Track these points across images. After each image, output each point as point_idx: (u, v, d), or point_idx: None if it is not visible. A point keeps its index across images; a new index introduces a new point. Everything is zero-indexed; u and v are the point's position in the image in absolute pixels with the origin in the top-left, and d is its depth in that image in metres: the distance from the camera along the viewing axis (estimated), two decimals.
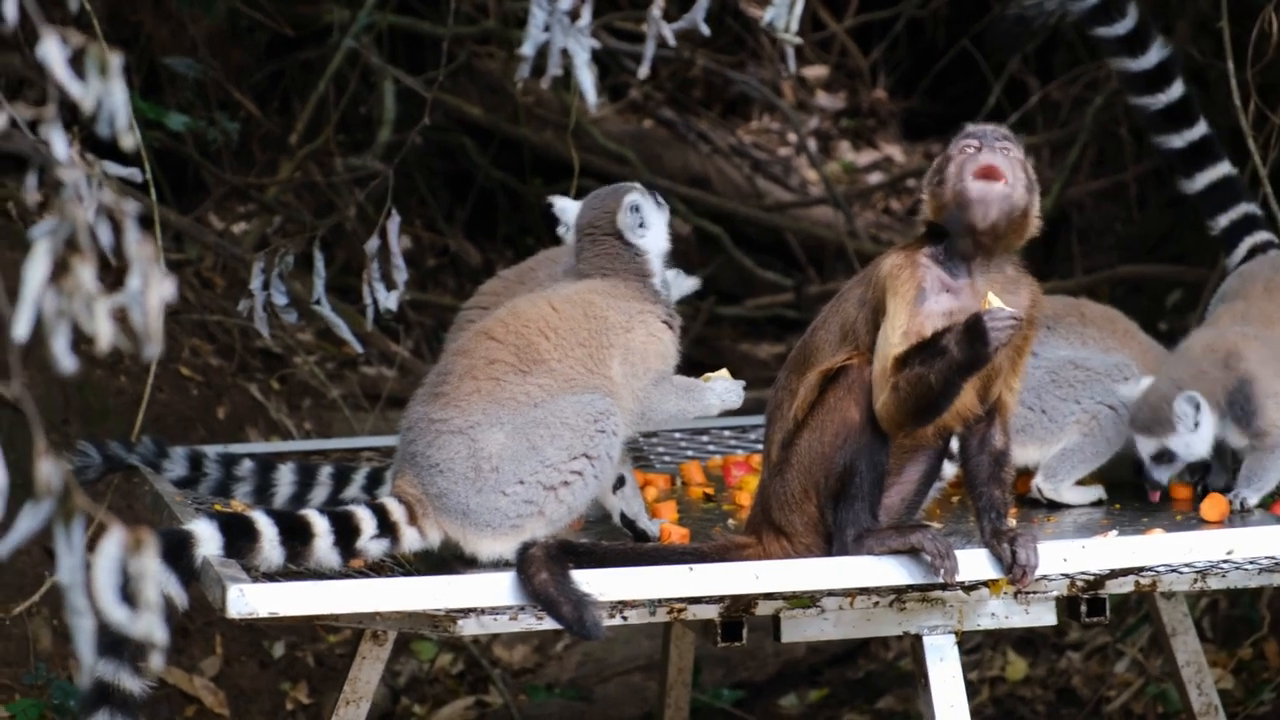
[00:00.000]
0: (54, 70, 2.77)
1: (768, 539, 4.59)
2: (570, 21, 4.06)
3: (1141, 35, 5.56)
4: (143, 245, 2.77)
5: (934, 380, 4.33)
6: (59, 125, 2.85)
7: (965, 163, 4.45)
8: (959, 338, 4.30)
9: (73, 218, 2.74)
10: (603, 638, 4.33)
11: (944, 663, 4.60)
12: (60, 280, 2.74)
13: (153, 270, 2.76)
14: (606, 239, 5.01)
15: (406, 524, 4.64)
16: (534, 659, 8.26)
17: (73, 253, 2.75)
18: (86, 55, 2.79)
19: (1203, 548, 4.55)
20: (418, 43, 10.45)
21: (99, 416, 7.45)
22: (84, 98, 2.82)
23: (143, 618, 2.75)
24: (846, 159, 12.96)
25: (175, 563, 4.33)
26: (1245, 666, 7.33)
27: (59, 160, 2.83)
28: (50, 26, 2.75)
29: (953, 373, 4.33)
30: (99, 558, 2.73)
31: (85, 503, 2.73)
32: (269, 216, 9.35)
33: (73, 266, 2.73)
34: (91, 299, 2.74)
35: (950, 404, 4.42)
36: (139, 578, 2.73)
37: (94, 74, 2.82)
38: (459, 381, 4.73)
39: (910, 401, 4.38)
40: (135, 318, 2.78)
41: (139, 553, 2.74)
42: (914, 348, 4.36)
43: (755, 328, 11.40)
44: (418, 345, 9.71)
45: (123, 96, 2.84)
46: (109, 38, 6.65)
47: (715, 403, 4.91)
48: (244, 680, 7.48)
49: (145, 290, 2.78)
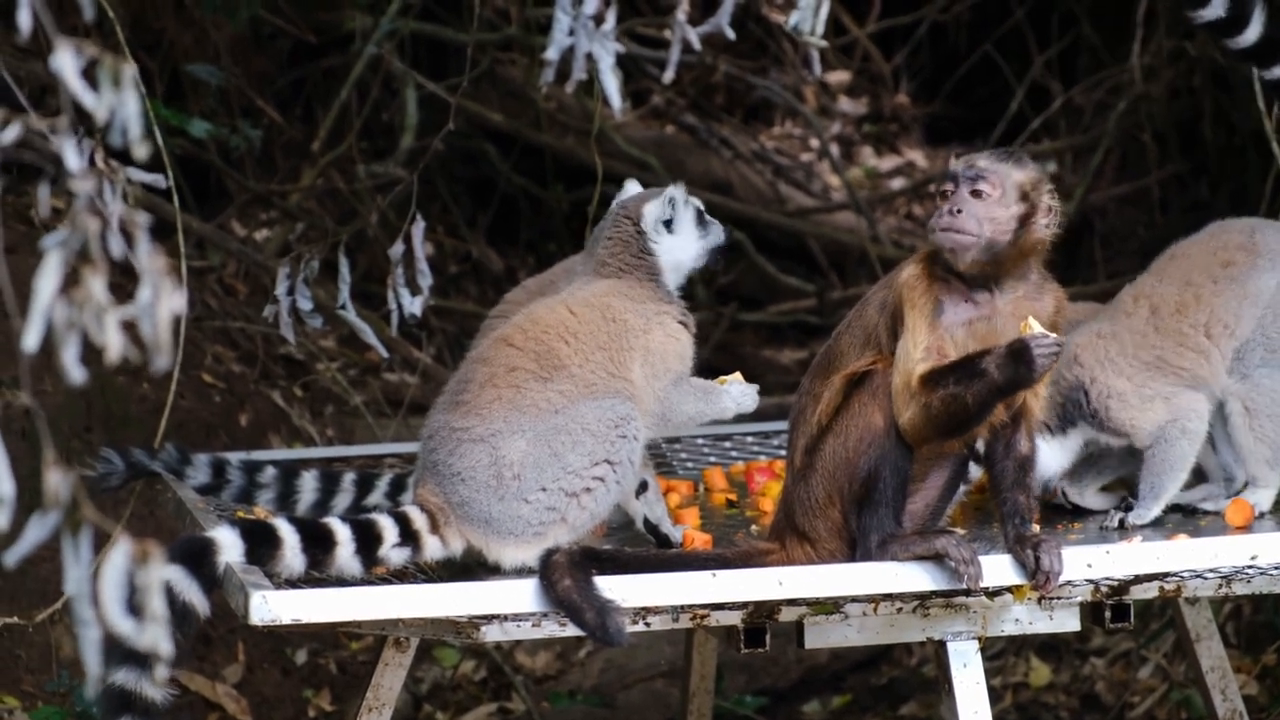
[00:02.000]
0: (67, 81, 2.77)
1: (791, 545, 4.58)
2: (595, 26, 4.05)
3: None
4: (154, 257, 2.77)
5: (970, 401, 4.34)
6: (72, 136, 2.85)
7: (939, 209, 4.46)
8: (1001, 361, 4.31)
9: (84, 228, 2.74)
10: (626, 644, 4.32)
11: (967, 668, 4.59)
12: (71, 291, 2.74)
13: (164, 282, 2.76)
14: (625, 223, 5.01)
15: (429, 532, 4.64)
16: (556, 665, 8.25)
17: (84, 263, 2.75)
18: (100, 66, 2.79)
19: (1227, 553, 4.53)
20: (440, 49, 10.46)
21: (121, 424, 7.45)
22: (97, 108, 2.82)
23: (149, 629, 2.75)
24: (869, 164, 12.95)
25: (197, 570, 4.33)
26: (1270, 672, 7.31)
27: (71, 171, 2.83)
28: (64, 37, 2.75)
29: (991, 395, 4.34)
30: (106, 569, 2.73)
31: (93, 513, 2.73)
32: (291, 223, 9.36)
33: (84, 277, 2.73)
34: (102, 310, 2.73)
35: (983, 423, 4.43)
36: (145, 589, 2.73)
37: (107, 84, 2.81)
38: (480, 390, 4.73)
39: (942, 420, 4.38)
40: (145, 329, 2.77)
41: (145, 564, 2.74)
42: (947, 367, 4.36)
43: (778, 333, 11.39)
44: (440, 351, 9.71)
45: (136, 107, 2.84)
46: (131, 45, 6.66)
47: (731, 406, 4.90)
48: (266, 687, 7.48)
49: (156, 302, 2.77)
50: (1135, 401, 5.13)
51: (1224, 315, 5.16)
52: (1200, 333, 5.16)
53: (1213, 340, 5.16)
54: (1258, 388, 5.15)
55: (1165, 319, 5.18)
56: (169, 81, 9.08)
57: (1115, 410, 5.13)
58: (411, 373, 9.17)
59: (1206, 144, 9.52)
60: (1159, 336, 5.17)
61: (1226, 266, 5.21)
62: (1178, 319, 5.17)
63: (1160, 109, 9.80)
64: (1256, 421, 5.15)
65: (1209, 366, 5.15)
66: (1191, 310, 5.17)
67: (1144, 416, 5.10)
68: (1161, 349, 5.16)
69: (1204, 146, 9.57)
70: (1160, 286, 5.25)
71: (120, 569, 2.72)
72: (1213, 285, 5.20)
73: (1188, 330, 5.16)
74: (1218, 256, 5.23)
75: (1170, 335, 5.17)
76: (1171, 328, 5.17)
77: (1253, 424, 5.15)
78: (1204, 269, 5.22)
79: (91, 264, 2.74)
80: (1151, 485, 5.10)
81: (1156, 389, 5.12)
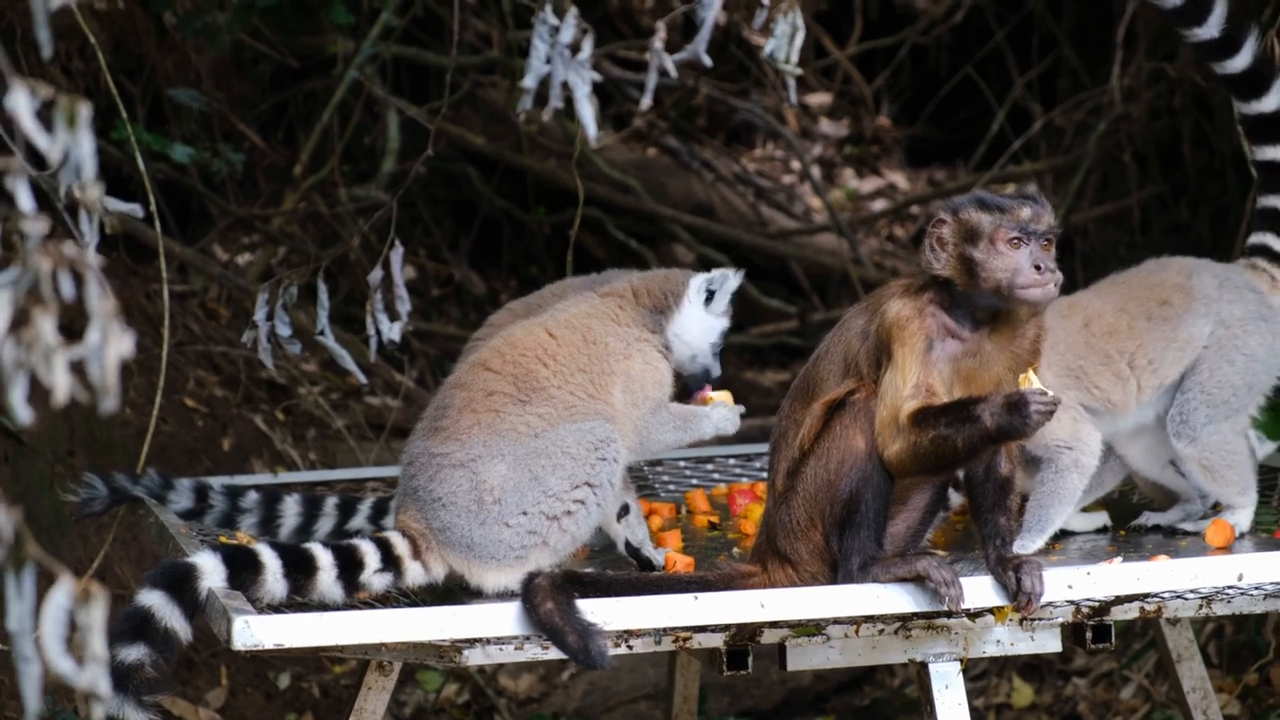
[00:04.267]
0: (21, 121, 2.77)
1: (773, 567, 4.58)
2: (571, 54, 4.07)
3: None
4: (103, 300, 2.77)
5: (960, 444, 4.32)
6: (24, 177, 2.84)
7: (1016, 261, 4.40)
8: (996, 411, 4.29)
9: (35, 268, 2.74)
10: (608, 667, 4.31)
11: (949, 690, 4.60)
12: (20, 330, 2.73)
13: (112, 325, 2.75)
14: (673, 277, 5.08)
15: (410, 558, 4.65)
16: (540, 688, 8.25)
17: (35, 303, 2.74)
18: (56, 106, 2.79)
19: (1208, 573, 4.54)
20: (422, 73, 10.48)
21: (104, 448, 7.45)
22: (50, 149, 2.83)
23: (88, 670, 2.75)
24: (850, 186, 12.98)
25: (179, 595, 4.33)
26: (1251, 692, 7.32)
27: (23, 211, 2.82)
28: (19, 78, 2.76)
29: (982, 441, 4.32)
30: (47, 607, 2.73)
31: (37, 552, 2.73)
32: (273, 247, 9.37)
33: (34, 317, 2.73)
34: (51, 351, 2.73)
35: (969, 465, 4.44)
36: (86, 630, 2.73)
37: (62, 125, 2.82)
38: (458, 415, 4.74)
39: (930, 459, 4.37)
40: (93, 372, 2.77)
41: (87, 605, 2.73)
42: (939, 409, 4.34)
43: (760, 355, 11.41)
44: (422, 375, 9.72)
45: (90, 147, 2.83)
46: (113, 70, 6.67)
47: (709, 430, 4.93)
48: (249, 711, 7.47)
49: (104, 345, 2.77)
50: None
51: (1150, 351, 5.18)
52: (1124, 360, 5.18)
53: (1134, 371, 5.18)
54: (1208, 446, 5.17)
55: (1096, 336, 5.20)
56: (151, 106, 9.08)
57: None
58: (394, 396, 9.18)
59: (1186, 165, 9.55)
60: (1086, 350, 5.19)
61: (1162, 305, 5.23)
62: (1107, 340, 5.19)
63: (1140, 130, 9.84)
64: (1219, 474, 5.17)
65: (1123, 395, 5.17)
66: (1121, 337, 5.20)
67: (1051, 426, 5.10)
68: (1085, 361, 5.18)
69: (1184, 167, 9.61)
70: (1096, 303, 5.27)
71: (62, 607, 2.72)
72: (1145, 321, 5.21)
73: (1114, 354, 5.18)
74: (1154, 293, 5.25)
75: (1096, 352, 5.19)
76: (1099, 346, 5.19)
77: (1216, 476, 5.17)
78: (1140, 301, 5.24)
79: (42, 304, 2.74)
80: (1038, 518, 5.11)
81: (1069, 399, 5.13)
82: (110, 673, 4.11)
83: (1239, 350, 5.21)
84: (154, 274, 7.49)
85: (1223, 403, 5.18)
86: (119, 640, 4.24)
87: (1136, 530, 5.31)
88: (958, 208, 4.47)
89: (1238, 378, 5.19)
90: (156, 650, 4.26)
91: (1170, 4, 5.29)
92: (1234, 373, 5.19)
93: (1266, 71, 5.37)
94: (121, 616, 4.28)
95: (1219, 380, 5.18)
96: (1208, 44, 5.34)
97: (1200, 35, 5.32)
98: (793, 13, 4.27)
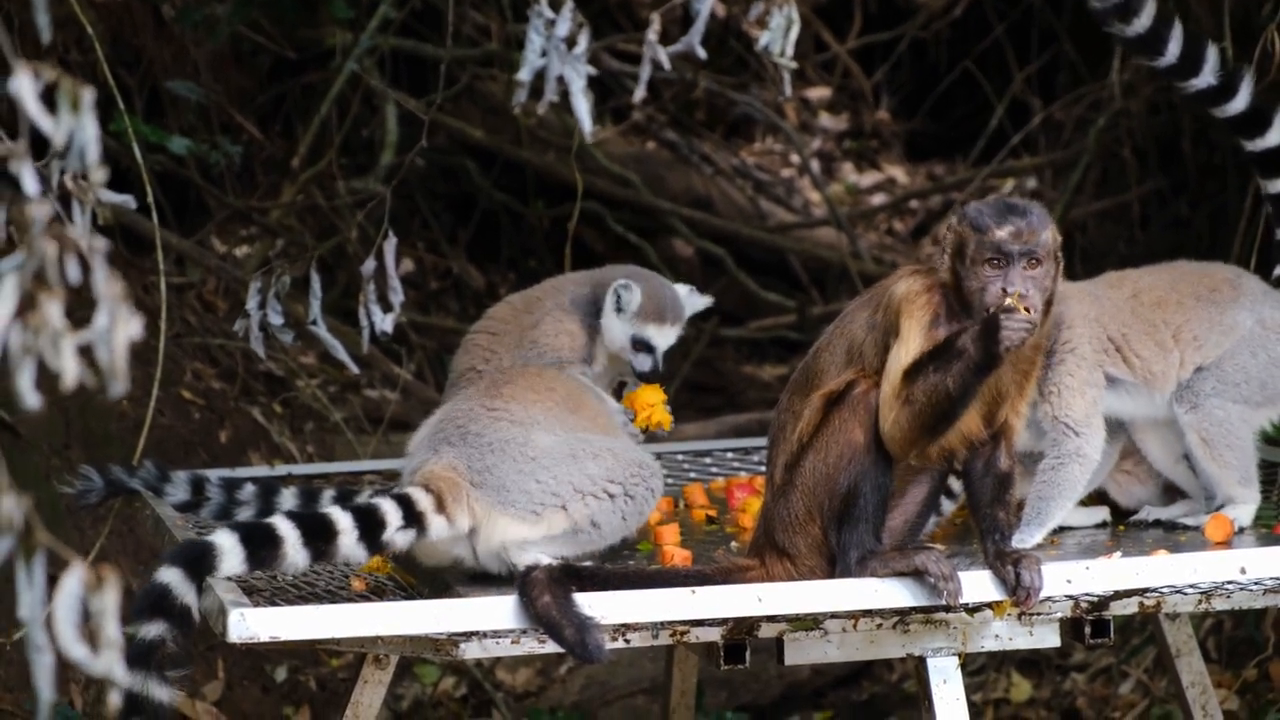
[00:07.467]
0: (25, 104, 2.76)
1: (771, 561, 4.58)
2: (567, 48, 4.07)
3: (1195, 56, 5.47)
4: (111, 283, 2.76)
5: (951, 386, 4.31)
6: (29, 161, 2.83)
7: (990, 284, 4.38)
8: (975, 335, 4.29)
9: (41, 253, 2.72)
10: (605, 661, 4.32)
11: (948, 685, 4.59)
12: (27, 316, 2.72)
13: (120, 308, 2.74)
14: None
15: (434, 511, 4.66)
16: (537, 682, 8.25)
17: (41, 287, 2.73)
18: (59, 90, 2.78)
19: (1207, 569, 4.54)
20: (420, 65, 10.45)
21: (101, 441, 7.44)
22: (55, 132, 2.81)
23: (103, 656, 2.74)
24: (849, 180, 12.96)
25: (197, 576, 4.31)
26: (1250, 688, 7.31)
27: (29, 195, 2.81)
28: (23, 60, 2.75)
29: (969, 374, 4.30)
30: (59, 594, 2.72)
31: (47, 538, 2.72)
32: (271, 239, 9.35)
33: (40, 302, 2.72)
34: (58, 336, 2.72)
35: (965, 411, 4.39)
36: (99, 615, 2.72)
37: (65, 109, 2.81)
38: (527, 390, 4.95)
39: (926, 411, 4.35)
40: (102, 356, 2.76)
41: (100, 590, 2.72)
42: (926, 355, 4.34)
43: (758, 349, 11.40)
44: (420, 368, 9.70)
45: (94, 131, 2.82)
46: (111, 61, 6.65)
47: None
48: (246, 704, 7.46)
49: (112, 328, 2.76)
50: (1079, 377, 5.13)
51: (1196, 328, 5.19)
52: (1169, 331, 5.20)
53: (1179, 344, 5.19)
54: (1210, 417, 5.16)
55: (1144, 305, 5.22)
56: (148, 98, 9.06)
57: (1063, 372, 5.12)
58: (392, 389, 9.16)
59: (1186, 160, 9.54)
60: (1132, 318, 5.21)
61: (1212, 291, 5.27)
62: (1154, 310, 5.22)
63: (1140, 125, 9.82)
64: (1216, 451, 5.16)
65: (1164, 366, 5.17)
66: (1170, 309, 5.22)
67: (1070, 399, 5.10)
68: (1129, 330, 5.18)
69: (1184, 163, 9.59)
70: (1147, 278, 5.30)
71: (74, 594, 2.71)
72: (1194, 300, 5.24)
73: (1160, 324, 5.20)
74: (1205, 280, 5.31)
75: (1142, 321, 5.20)
76: (1146, 315, 5.21)
77: (1214, 454, 5.16)
78: (1191, 284, 5.29)
79: (48, 289, 2.72)
80: (1038, 511, 5.09)
81: (1095, 381, 5.13)
82: (130, 651, 4.12)
83: (1267, 350, 5.23)
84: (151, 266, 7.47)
85: (1233, 384, 5.18)
86: (138, 617, 4.23)
87: (1136, 525, 5.31)
88: (961, 215, 4.47)
89: (1256, 370, 5.20)
90: (175, 627, 4.25)
91: (1131, 33, 5.32)
92: (1255, 365, 5.20)
93: (1266, 109, 5.41)
94: (140, 594, 4.29)
95: (1237, 364, 5.19)
96: (1205, 93, 5.38)
97: (1196, 85, 5.37)
98: (788, 6, 4.26)
